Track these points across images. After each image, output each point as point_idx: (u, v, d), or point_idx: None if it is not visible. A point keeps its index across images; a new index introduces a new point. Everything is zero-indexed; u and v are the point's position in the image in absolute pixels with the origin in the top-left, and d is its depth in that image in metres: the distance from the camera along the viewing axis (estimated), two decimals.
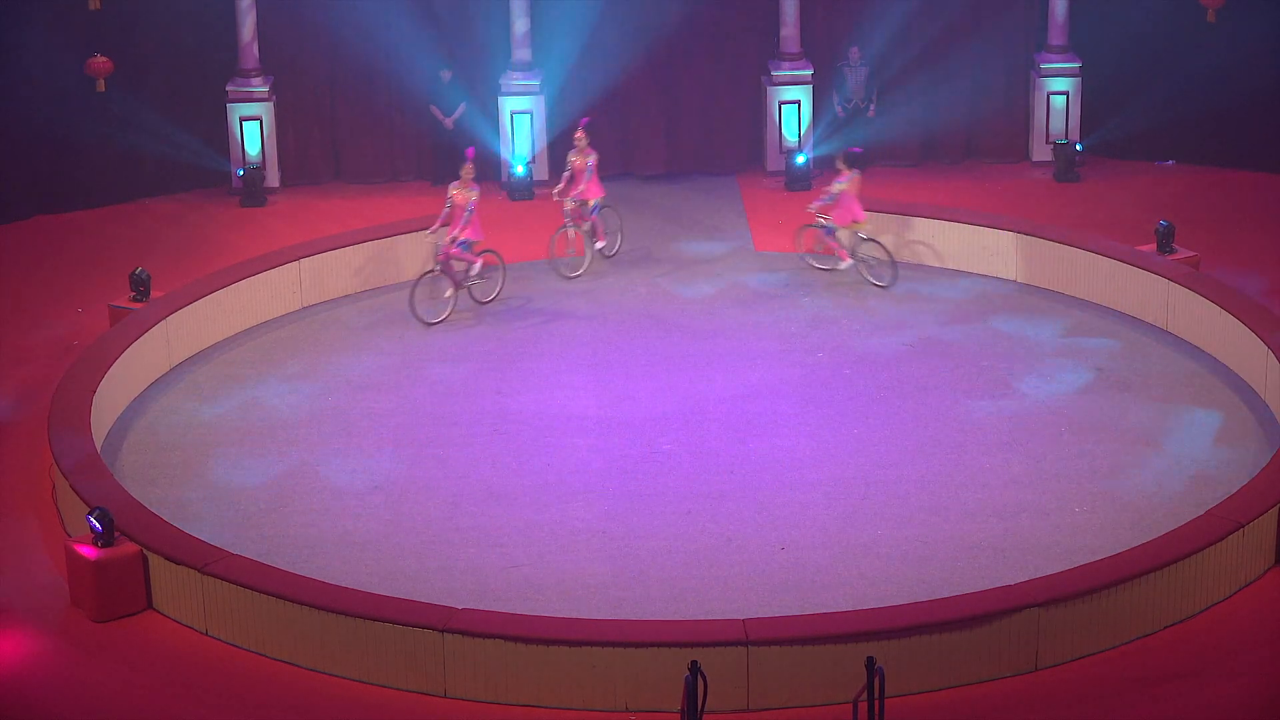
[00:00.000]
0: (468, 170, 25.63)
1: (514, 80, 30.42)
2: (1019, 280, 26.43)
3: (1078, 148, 30.54)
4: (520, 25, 30.35)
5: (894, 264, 26.40)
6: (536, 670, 17.47)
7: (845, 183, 26.24)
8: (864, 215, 26.35)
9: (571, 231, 27.07)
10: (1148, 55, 30.73)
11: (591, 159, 26.92)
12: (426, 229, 26.19)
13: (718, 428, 22.58)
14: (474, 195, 25.50)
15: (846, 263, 26.50)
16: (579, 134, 26.97)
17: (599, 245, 27.25)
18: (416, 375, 24.09)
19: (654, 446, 22.17)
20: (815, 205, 26.58)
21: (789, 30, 30.70)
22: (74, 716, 17.46)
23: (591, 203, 26.99)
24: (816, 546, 19.96)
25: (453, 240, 25.32)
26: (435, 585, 19.24)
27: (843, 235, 26.57)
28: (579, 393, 23.57)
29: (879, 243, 26.54)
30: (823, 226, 26.61)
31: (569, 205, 26.94)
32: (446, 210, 25.44)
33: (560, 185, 27.10)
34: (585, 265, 27.01)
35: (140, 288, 24.80)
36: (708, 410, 23.03)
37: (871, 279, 26.38)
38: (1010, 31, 31.11)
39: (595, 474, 21.55)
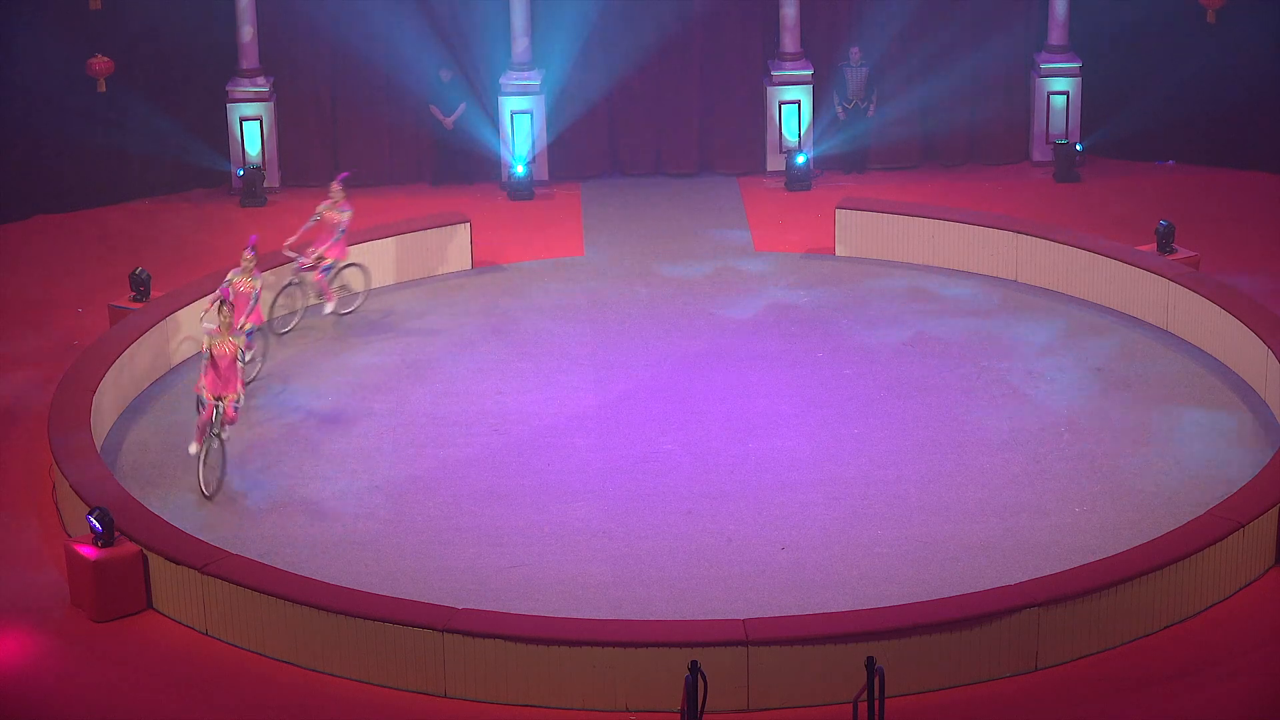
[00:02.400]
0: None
1: (514, 80, 30.41)
2: (1019, 280, 26.43)
3: (1078, 148, 30.53)
4: (520, 25, 30.34)
5: (367, 278, 25.62)
6: (536, 670, 17.47)
7: (349, 211, 25.02)
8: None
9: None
10: (1148, 55, 30.73)
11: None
12: (425, 228, 26.34)
13: (718, 428, 22.58)
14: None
15: (333, 302, 25.17)
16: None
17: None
18: (416, 375, 24.09)
19: (654, 446, 22.17)
20: (305, 248, 24.89)
21: (789, 30, 30.69)
22: (74, 716, 17.46)
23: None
24: (817, 546, 19.96)
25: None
26: (435, 585, 19.24)
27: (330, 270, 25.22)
28: (579, 393, 23.57)
29: (359, 266, 25.54)
30: (327, 267, 25.03)
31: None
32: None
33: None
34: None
35: (140, 288, 24.79)
36: (708, 410, 23.03)
37: (341, 310, 25.28)
38: (1010, 31, 31.09)
39: (595, 474, 21.55)
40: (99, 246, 28.55)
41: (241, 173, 30.02)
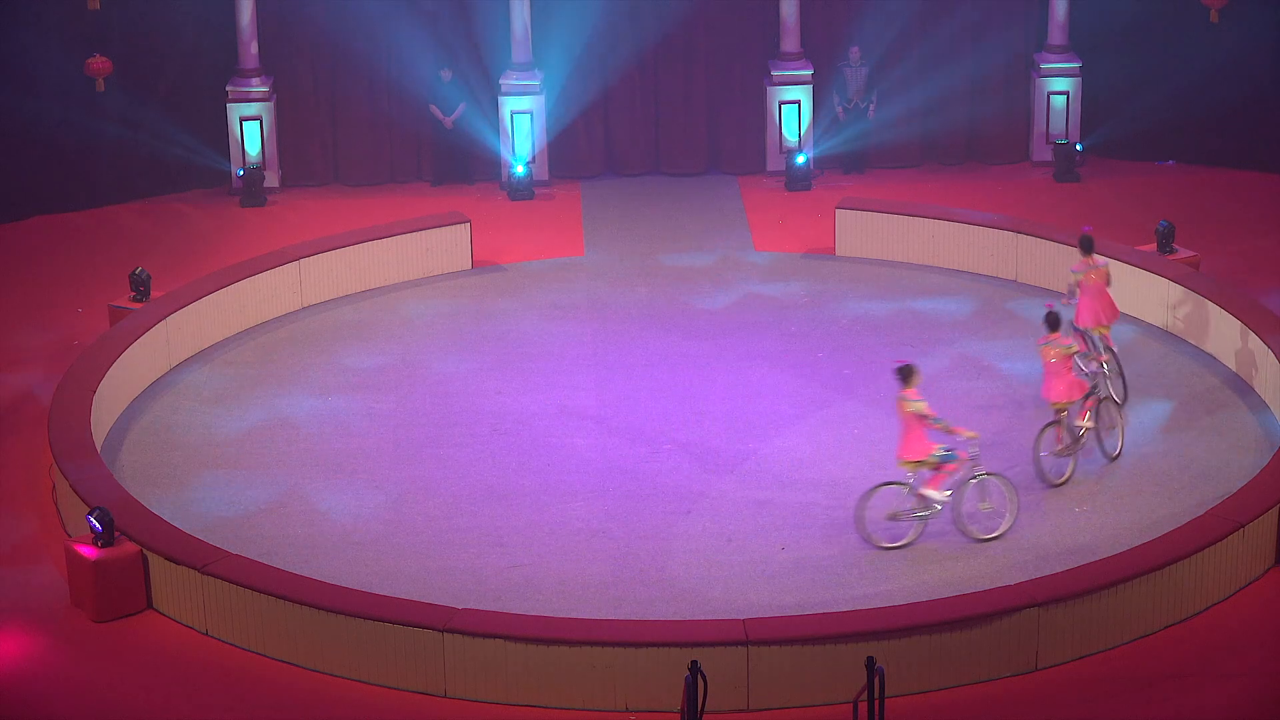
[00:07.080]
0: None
1: (514, 80, 30.42)
2: (1019, 280, 26.42)
3: (1078, 148, 30.54)
4: (520, 25, 30.35)
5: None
6: (536, 670, 17.47)
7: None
8: None
9: None
10: (1148, 55, 30.74)
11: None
12: (425, 228, 26.37)
13: (718, 428, 22.57)
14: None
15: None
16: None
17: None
18: (416, 375, 24.09)
19: (654, 446, 22.17)
20: None
21: (789, 30, 30.70)
22: (74, 716, 17.46)
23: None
24: (817, 546, 19.96)
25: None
26: (435, 585, 19.24)
27: None
28: (579, 393, 23.56)
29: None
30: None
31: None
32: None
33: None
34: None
35: (140, 288, 24.80)
36: (708, 410, 23.03)
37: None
38: (1010, 31, 31.12)
39: (595, 474, 21.54)
40: (99, 246, 28.55)
41: (241, 173, 30.03)
